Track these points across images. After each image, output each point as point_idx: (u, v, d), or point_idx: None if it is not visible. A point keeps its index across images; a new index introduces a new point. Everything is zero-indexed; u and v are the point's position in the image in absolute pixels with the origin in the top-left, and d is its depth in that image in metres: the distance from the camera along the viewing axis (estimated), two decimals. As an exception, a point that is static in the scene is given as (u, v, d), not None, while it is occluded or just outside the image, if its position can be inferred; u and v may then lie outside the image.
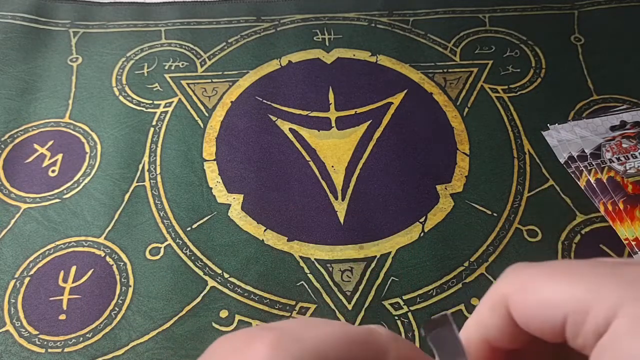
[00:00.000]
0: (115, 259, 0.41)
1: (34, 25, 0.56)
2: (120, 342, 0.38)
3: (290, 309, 0.39)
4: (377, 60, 0.54)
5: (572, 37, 0.55)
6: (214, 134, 0.48)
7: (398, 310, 0.39)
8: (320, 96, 0.51)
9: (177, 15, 0.57)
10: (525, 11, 0.57)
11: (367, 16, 0.57)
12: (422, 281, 0.40)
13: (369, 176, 0.46)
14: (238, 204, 0.44)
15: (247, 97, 0.51)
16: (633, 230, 0.42)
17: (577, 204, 0.44)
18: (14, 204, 0.44)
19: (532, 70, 0.53)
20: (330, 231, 0.43)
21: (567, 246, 0.42)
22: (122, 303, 0.39)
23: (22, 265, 0.41)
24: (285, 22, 0.57)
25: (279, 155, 0.47)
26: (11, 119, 0.49)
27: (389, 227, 0.43)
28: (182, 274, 0.41)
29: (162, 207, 0.44)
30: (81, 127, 0.49)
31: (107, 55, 0.54)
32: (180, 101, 0.51)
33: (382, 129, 0.49)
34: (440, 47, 0.55)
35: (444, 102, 0.51)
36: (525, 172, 0.46)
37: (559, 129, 0.48)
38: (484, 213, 0.44)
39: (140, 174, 0.46)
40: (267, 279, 0.40)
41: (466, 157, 0.47)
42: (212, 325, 0.38)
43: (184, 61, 0.53)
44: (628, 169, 0.45)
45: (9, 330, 0.38)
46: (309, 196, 0.45)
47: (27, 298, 0.40)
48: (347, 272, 0.41)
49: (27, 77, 0.52)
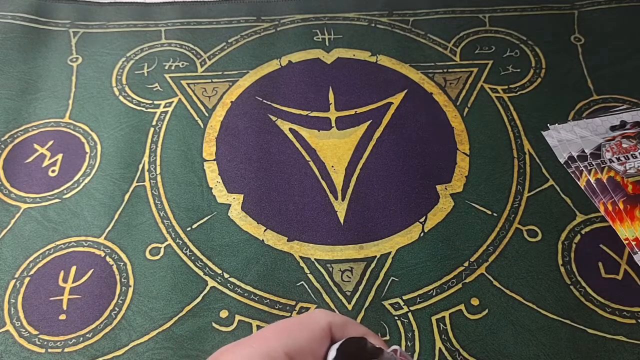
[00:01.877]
0: (115, 259, 0.41)
1: (34, 25, 0.56)
2: (120, 342, 0.38)
3: (290, 309, 0.39)
4: (377, 60, 0.54)
5: (572, 37, 0.55)
6: (214, 134, 0.48)
7: (398, 310, 0.39)
8: (320, 96, 0.51)
9: (177, 15, 0.57)
10: (525, 11, 0.57)
11: (367, 16, 0.57)
12: (422, 281, 0.40)
13: (369, 176, 0.46)
14: (238, 204, 0.44)
15: (247, 97, 0.51)
16: (633, 230, 0.42)
17: (577, 204, 0.44)
18: (14, 204, 0.44)
19: (532, 70, 0.53)
20: (330, 231, 0.43)
21: (567, 246, 0.42)
22: (122, 303, 0.39)
23: (22, 265, 0.41)
24: (285, 22, 0.57)
25: (279, 155, 0.47)
26: (11, 119, 0.49)
27: (389, 227, 0.43)
28: (182, 274, 0.41)
29: (162, 207, 0.44)
30: (81, 127, 0.49)
31: (107, 55, 0.54)
32: (180, 101, 0.51)
33: (382, 129, 0.49)
34: (440, 47, 0.55)
35: (444, 102, 0.51)
36: (525, 172, 0.46)
37: (559, 129, 0.48)
38: (484, 213, 0.44)
39: (140, 174, 0.46)
40: (267, 279, 0.40)
41: (466, 157, 0.47)
42: (212, 325, 0.38)
43: (184, 61, 0.53)
44: (628, 169, 0.45)
45: (9, 330, 0.38)
46: (309, 196, 0.45)
47: (27, 298, 0.40)
48: (347, 272, 0.41)
49: (27, 77, 0.52)
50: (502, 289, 0.40)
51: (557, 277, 0.40)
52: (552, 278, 0.40)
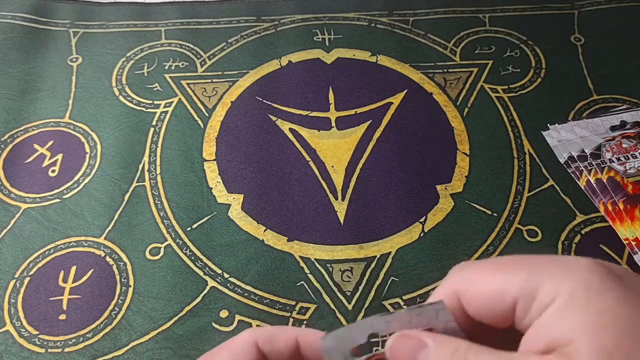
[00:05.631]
0: (115, 259, 0.41)
1: (34, 25, 0.56)
2: (120, 342, 0.38)
3: (290, 309, 0.39)
4: (377, 60, 0.54)
5: (572, 37, 0.55)
6: (214, 134, 0.48)
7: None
8: (320, 96, 0.51)
9: (177, 15, 0.57)
10: (525, 11, 0.57)
11: (367, 16, 0.57)
12: (422, 281, 0.40)
13: (369, 176, 0.46)
14: (238, 204, 0.44)
15: (247, 97, 0.51)
16: (633, 230, 0.42)
17: (577, 204, 0.44)
18: (14, 204, 0.44)
19: (532, 70, 0.53)
20: (330, 231, 0.43)
21: (567, 246, 0.42)
22: (122, 303, 0.39)
23: (22, 265, 0.41)
24: (285, 22, 0.57)
25: (279, 155, 0.47)
26: (11, 119, 0.49)
27: (389, 227, 0.43)
28: (182, 274, 0.41)
29: (162, 207, 0.44)
30: (81, 127, 0.49)
31: (107, 55, 0.54)
32: (180, 101, 0.51)
33: (382, 129, 0.49)
34: (440, 47, 0.55)
35: (444, 102, 0.51)
36: (525, 172, 0.46)
37: (559, 129, 0.48)
38: (484, 213, 0.44)
39: (140, 174, 0.46)
40: (267, 279, 0.40)
41: (466, 157, 0.47)
42: (212, 325, 0.38)
43: (184, 61, 0.53)
44: (628, 169, 0.45)
45: (9, 330, 0.38)
46: (309, 196, 0.45)
47: (27, 298, 0.40)
48: (347, 272, 0.41)
49: (27, 77, 0.52)
50: (502, 289, 0.40)
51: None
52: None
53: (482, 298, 0.20)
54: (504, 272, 0.20)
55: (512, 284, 0.19)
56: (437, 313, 0.20)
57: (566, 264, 0.19)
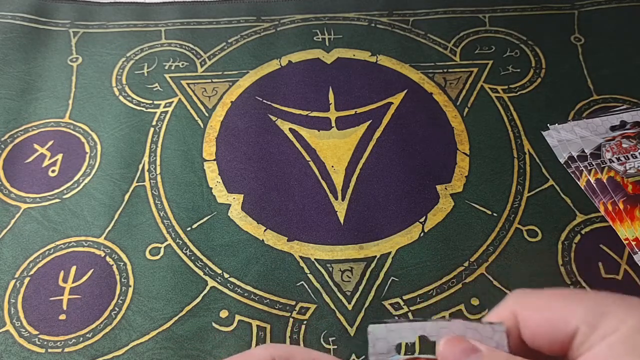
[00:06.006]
0: (115, 259, 0.41)
1: (34, 25, 0.56)
2: (120, 342, 0.38)
3: (290, 309, 0.39)
4: (377, 60, 0.54)
5: (572, 37, 0.55)
6: (214, 134, 0.48)
7: (398, 311, 0.39)
8: (320, 96, 0.51)
9: (177, 15, 0.57)
10: (525, 11, 0.57)
11: (367, 16, 0.57)
12: (422, 281, 0.40)
13: (369, 176, 0.46)
14: (238, 204, 0.44)
15: (247, 97, 0.51)
16: (633, 230, 0.42)
17: (577, 204, 0.44)
18: (14, 204, 0.44)
19: (532, 70, 0.53)
20: (330, 231, 0.43)
21: (567, 246, 0.42)
22: (122, 303, 0.39)
23: (22, 265, 0.41)
24: (285, 22, 0.57)
25: (279, 155, 0.47)
26: (11, 119, 0.49)
27: (389, 227, 0.43)
28: (182, 274, 0.41)
29: (162, 207, 0.44)
30: (81, 127, 0.49)
31: (107, 55, 0.54)
32: (180, 101, 0.51)
33: (382, 129, 0.49)
34: (440, 47, 0.55)
35: (444, 102, 0.51)
36: (525, 172, 0.46)
37: (559, 129, 0.48)
38: (484, 213, 0.44)
39: (140, 174, 0.46)
40: (267, 279, 0.40)
41: (466, 157, 0.47)
42: (212, 325, 0.38)
43: (184, 61, 0.53)
44: (628, 169, 0.45)
45: (9, 330, 0.38)
46: (309, 196, 0.45)
47: (27, 298, 0.40)
48: (347, 272, 0.41)
49: (27, 77, 0.52)
50: (502, 289, 0.40)
51: (557, 277, 0.40)
52: (552, 278, 0.40)
53: (542, 322, 0.20)
54: (567, 300, 0.20)
55: (575, 312, 0.19)
56: (494, 333, 0.21)
57: (631, 302, 0.20)
